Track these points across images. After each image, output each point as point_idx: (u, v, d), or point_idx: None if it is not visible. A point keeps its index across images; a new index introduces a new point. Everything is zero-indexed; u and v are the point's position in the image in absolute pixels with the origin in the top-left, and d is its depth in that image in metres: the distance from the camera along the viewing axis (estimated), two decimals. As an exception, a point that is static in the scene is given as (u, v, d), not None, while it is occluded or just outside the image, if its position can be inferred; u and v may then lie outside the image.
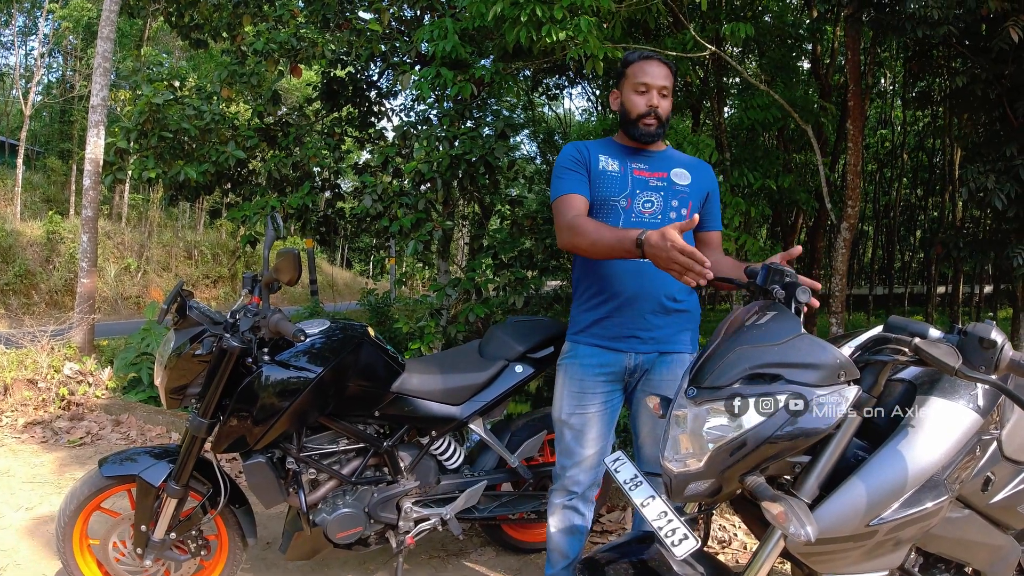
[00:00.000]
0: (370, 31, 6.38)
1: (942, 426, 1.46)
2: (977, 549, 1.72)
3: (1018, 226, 5.64)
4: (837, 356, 1.40)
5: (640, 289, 2.31)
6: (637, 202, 2.34)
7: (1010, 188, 5.30)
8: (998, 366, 1.30)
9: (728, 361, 1.44)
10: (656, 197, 2.34)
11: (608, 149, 2.43)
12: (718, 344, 1.53)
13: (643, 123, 2.33)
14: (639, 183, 2.35)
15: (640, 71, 2.33)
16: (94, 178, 7.64)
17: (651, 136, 2.36)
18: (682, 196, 2.36)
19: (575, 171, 2.37)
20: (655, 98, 2.31)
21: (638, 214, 2.33)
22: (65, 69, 27.44)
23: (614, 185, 2.34)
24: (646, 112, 2.32)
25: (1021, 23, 4.94)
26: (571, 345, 2.48)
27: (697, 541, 1.44)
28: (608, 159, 2.38)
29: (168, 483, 2.46)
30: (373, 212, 5.64)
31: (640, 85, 2.32)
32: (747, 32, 5.55)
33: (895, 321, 1.51)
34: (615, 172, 2.36)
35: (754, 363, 1.41)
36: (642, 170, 2.37)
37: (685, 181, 2.38)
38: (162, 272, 20.24)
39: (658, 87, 2.31)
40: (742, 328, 1.53)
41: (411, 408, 2.66)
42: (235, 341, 2.31)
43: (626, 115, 2.37)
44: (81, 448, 4.92)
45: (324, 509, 2.54)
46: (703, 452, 1.38)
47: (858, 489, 1.39)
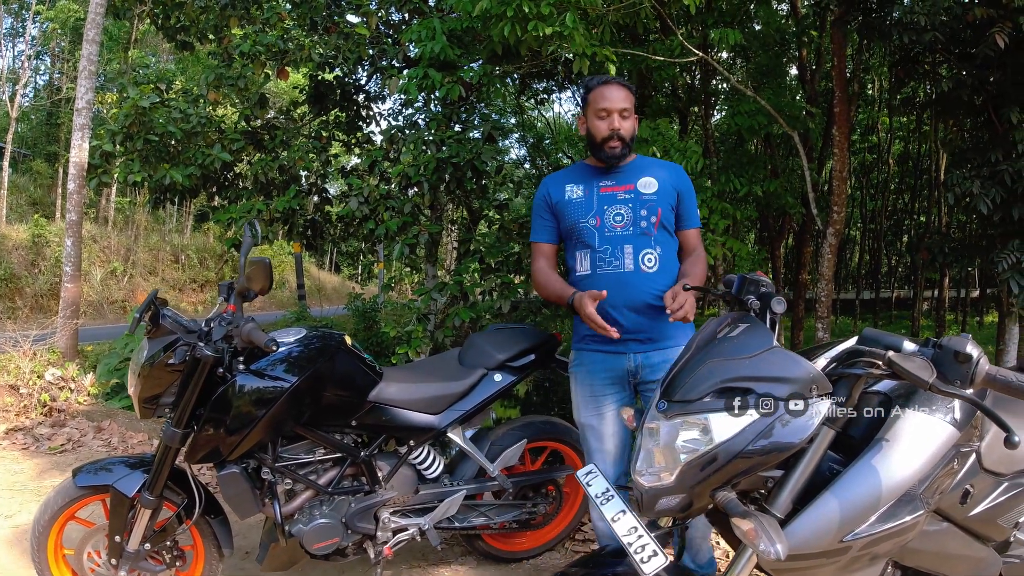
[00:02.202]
0: (357, 35, 6.35)
1: (918, 440, 1.43)
2: (957, 562, 1.70)
3: (1003, 231, 5.67)
4: (809, 370, 1.38)
5: (626, 296, 2.43)
6: (607, 217, 2.49)
7: (995, 193, 5.34)
8: (973, 380, 1.28)
9: (699, 374, 1.43)
10: (625, 210, 2.48)
11: (576, 175, 2.62)
12: (690, 357, 1.52)
13: (607, 147, 2.48)
14: (605, 199, 2.51)
15: (600, 96, 2.47)
16: (79, 181, 7.56)
17: (616, 158, 2.50)
18: (650, 205, 2.48)
19: (540, 216, 2.65)
20: (616, 121, 2.45)
21: (610, 228, 2.48)
22: (52, 71, 27.29)
23: (580, 209, 2.53)
24: (608, 135, 2.46)
25: (1007, 30, 4.98)
26: (576, 353, 2.64)
27: (666, 558, 1.42)
28: (573, 187, 2.57)
29: (142, 493, 2.41)
30: (359, 215, 5.61)
31: (601, 111, 2.46)
32: (735, 38, 5.57)
33: (869, 334, 1.49)
34: (579, 198, 2.54)
35: (725, 377, 1.40)
36: (608, 186, 2.52)
37: (651, 189, 2.50)
38: (148, 276, 20.09)
39: (618, 110, 2.46)
40: (714, 340, 1.53)
41: (389, 417, 2.62)
42: (208, 350, 2.27)
43: (592, 139, 2.52)
44: (62, 455, 4.85)
45: (301, 519, 2.49)
46: (674, 467, 1.36)
47: (831, 504, 1.37)
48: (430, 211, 6.42)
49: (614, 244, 2.46)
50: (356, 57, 6.50)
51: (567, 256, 2.66)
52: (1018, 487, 1.75)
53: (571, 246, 2.59)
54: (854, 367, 1.41)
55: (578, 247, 2.54)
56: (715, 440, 1.33)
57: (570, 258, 2.61)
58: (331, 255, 30.58)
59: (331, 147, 7.39)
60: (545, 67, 7.04)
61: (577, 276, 2.54)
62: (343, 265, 31.37)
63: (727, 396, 1.37)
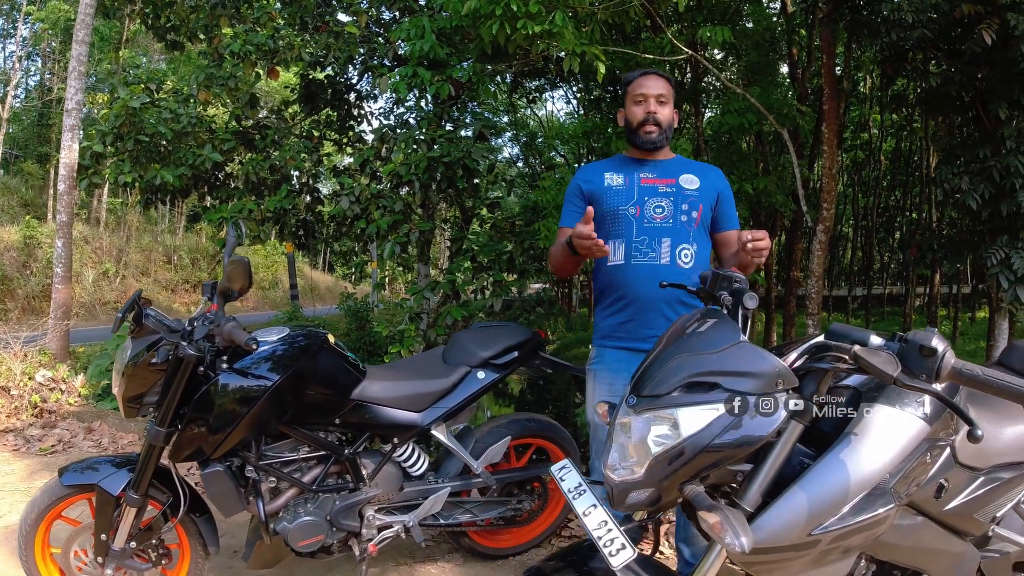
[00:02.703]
0: (348, 33, 6.35)
1: (887, 434, 1.43)
2: (933, 556, 1.70)
3: (991, 227, 5.70)
4: (775, 364, 1.39)
5: (654, 292, 2.38)
6: (647, 208, 2.43)
7: (984, 189, 5.36)
8: (939, 374, 1.27)
9: (667, 369, 1.43)
10: (666, 202, 2.43)
11: (615, 165, 2.57)
12: (659, 352, 1.53)
13: (643, 131, 2.45)
14: (647, 191, 2.45)
15: (637, 85, 2.47)
16: (69, 183, 7.53)
17: (652, 143, 2.46)
18: (691, 200, 2.44)
19: (572, 203, 2.58)
20: (652, 105, 2.44)
21: (649, 220, 2.43)
22: (43, 72, 27.16)
23: (620, 196, 2.46)
24: (644, 119, 2.44)
25: (994, 26, 5.00)
26: (598, 350, 2.57)
27: (635, 551, 1.43)
28: (613, 175, 2.52)
29: (127, 492, 2.41)
30: (350, 214, 5.61)
31: (638, 96, 2.46)
32: (724, 36, 5.58)
33: (837, 328, 1.50)
34: (620, 186, 2.48)
35: (692, 372, 1.40)
36: (650, 178, 2.47)
37: (694, 185, 2.45)
38: (141, 277, 20.02)
39: (655, 95, 2.43)
40: (683, 336, 1.53)
41: (372, 415, 2.63)
42: (191, 349, 2.26)
43: (629, 126, 2.51)
44: (52, 456, 4.83)
45: (285, 517, 2.50)
46: (643, 461, 1.37)
47: (799, 498, 1.37)
48: (422, 210, 6.43)
49: (652, 235, 2.41)
50: (347, 56, 6.50)
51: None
52: (995, 481, 1.75)
53: (602, 234, 2.45)
54: (821, 361, 1.41)
55: (612, 235, 2.46)
56: (683, 434, 1.34)
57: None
58: (325, 255, 30.55)
59: (323, 147, 7.39)
60: (536, 65, 7.04)
61: (609, 266, 2.47)
62: (337, 265, 31.33)
63: (695, 391, 1.38)
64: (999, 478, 1.77)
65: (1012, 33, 4.96)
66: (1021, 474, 1.85)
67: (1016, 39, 4.97)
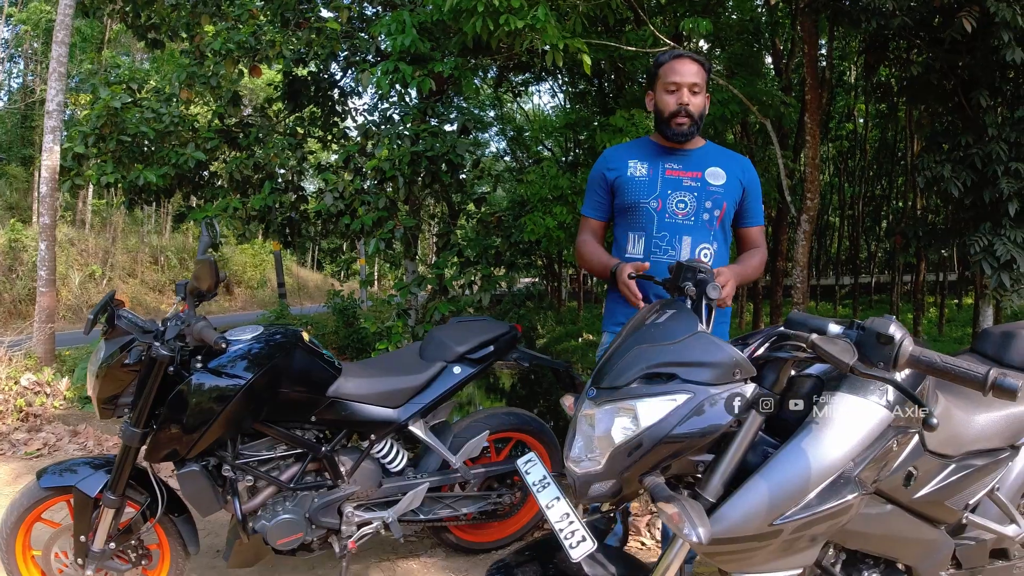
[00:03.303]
0: (330, 30, 6.32)
1: (848, 422, 1.42)
2: (904, 544, 1.69)
3: (974, 214, 5.73)
4: (732, 354, 1.38)
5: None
6: (670, 203, 2.36)
7: (966, 176, 5.39)
8: (897, 362, 1.27)
9: (626, 361, 1.43)
10: (689, 198, 2.35)
11: (641, 151, 2.47)
12: (620, 343, 1.52)
13: (675, 122, 2.34)
14: (670, 183, 2.37)
15: (670, 70, 2.33)
16: (51, 185, 7.47)
17: (684, 135, 2.36)
18: (715, 197, 2.36)
19: (594, 191, 2.52)
20: (685, 96, 2.31)
21: (671, 215, 2.35)
22: (26, 74, 26.89)
23: (642, 189, 2.38)
24: (676, 110, 2.32)
25: (974, 14, 5.01)
26: (609, 336, 2.53)
27: (594, 543, 1.44)
28: (638, 163, 2.42)
29: (105, 493, 2.40)
30: (334, 210, 5.59)
31: (670, 84, 2.32)
32: (706, 27, 5.58)
33: (795, 317, 1.50)
34: (643, 176, 2.39)
35: (651, 362, 1.40)
36: (675, 170, 2.38)
37: (720, 181, 2.37)
38: (127, 278, 19.88)
39: (688, 84, 2.31)
40: (642, 327, 1.53)
41: (348, 412, 2.63)
42: (164, 350, 2.27)
43: (659, 115, 2.38)
44: (38, 460, 4.80)
45: (264, 516, 2.50)
46: (603, 453, 1.37)
47: (760, 488, 1.35)
48: (407, 206, 6.41)
49: (673, 232, 2.35)
50: (329, 52, 6.46)
51: (616, 232, 2.52)
52: (966, 469, 1.74)
53: (623, 225, 2.46)
54: (781, 351, 1.41)
55: (632, 227, 2.42)
56: (641, 425, 1.33)
57: (621, 236, 2.48)
58: (313, 253, 30.46)
59: (307, 144, 7.35)
60: (521, 59, 7.03)
61: (627, 257, 2.41)
62: (325, 263, 31.27)
63: (653, 382, 1.38)
64: (971, 465, 1.77)
65: (992, 20, 4.98)
66: (994, 461, 1.85)
67: (996, 26, 4.99)
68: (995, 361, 2.21)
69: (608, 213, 2.51)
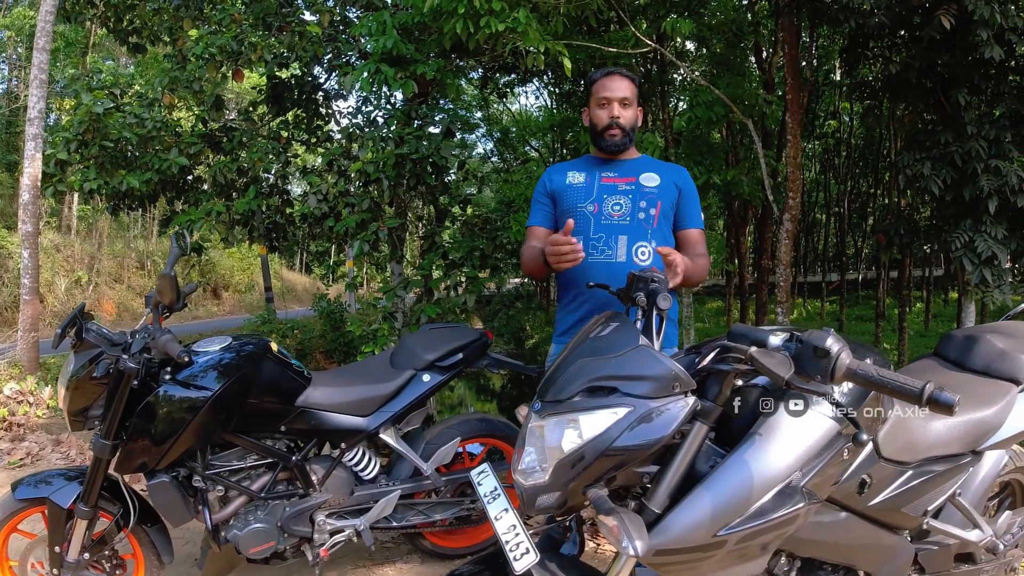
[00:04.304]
0: (311, 33, 6.30)
1: (792, 433, 1.43)
2: (861, 551, 1.70)
3: (955, 211, 5.77)
4: (670, 368, 1.39)
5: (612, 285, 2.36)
6: (606, 206, 2.46)
7: (946, 174, 5.43)
8: (834, 375, 1.28)
9: (570, 374, 1.45)
10: (624, 200, 2.45)
11: (579, 165, 2.61)
12: (565, 356, 1.54)
13: (607, 134, 2.47)
14: (606, 188, 2.49)
15: (602, 87, 2.47)
16: (33, 192, 7.40)
17: (616, 146, 2.49)
18: (650, 197, 2.45)
19: (538, 201, 2.62)
20: (616, 109, 2.45)
21: (607, 216, 2.45)
22: (10, 79, 26.69)
23: (579, 195, 2.50)
24: (608, 124, 2.46)
25: (952, 12, 5.05)
26: (556, 347, 2.59)
27: (537, 555, 1.45)
28: (576, 173, 2.56)
29: (77, 504, 2.43)
30: (318, 213, 5.58)
31: (602, 99, 2.47)
32: (687, 28, 5.60)
33: (738, 329, 1.51)
34: (581, 183, 2.52)
35: (592, 376, 1.42)
36: (611, 177, 2.51)
37: (653, 183, 2.47)
38: (114, 284, 19.74)
39: (618, 98, 2.45)
40: (586, 340, 1.55)
41: (318, 421, 2.65)
42: (131, 362, 2.29)
43: (593, 128, 2.52)
44: (21, 469, 4.77)
45: (236, 525, 2.51)
46: (548, 465, 1.39)
47: (703, 499, 1.36)
48: (392, 208, 6.40)
49: (609, 233, 2.43)
50: (311, 55, 6.45)
51: None
52: (924, 475, 1.75)
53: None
54: (724, 363, 1.42)
55: (572, 233, 2.43)
56: (584, 438, 1.35)
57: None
58: (301, 256, 30.36)
59: (291, 147, 7.34)
60: (505, 61, 7.03)
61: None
62: (313, 266, 31.16)
63: (595, 395, 1.39)
64: (930, 471, 1.78)
65: (971, 18, 5.01)
66: (954, 467, 1.86)
67: (975, 24, 5.02)
68: (957, 365, 2.23)
69: (552, 222, 2.61)
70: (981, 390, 2.03)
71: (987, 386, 2.06)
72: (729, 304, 15.81)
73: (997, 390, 2.04)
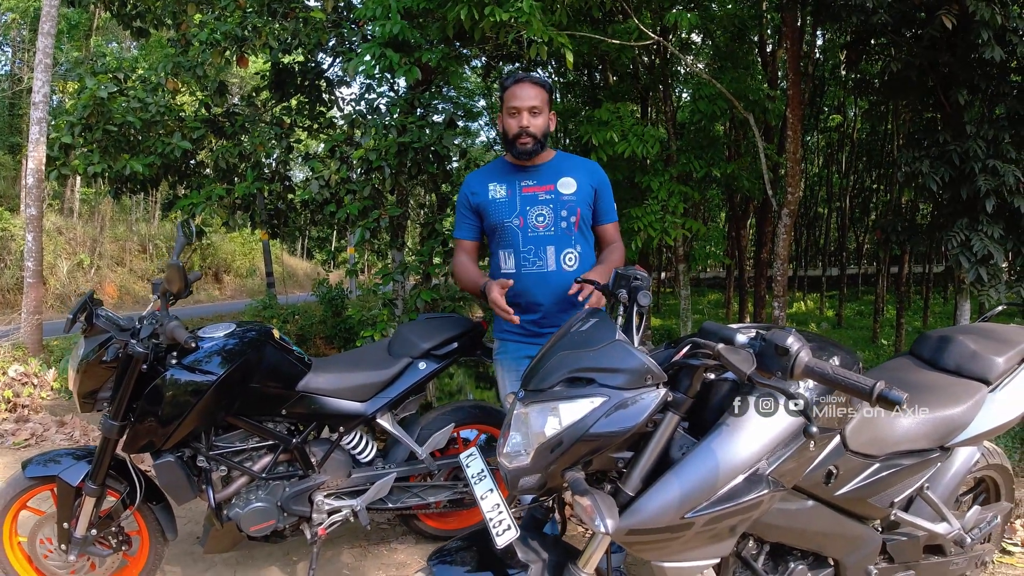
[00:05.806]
0: (315, 19, 6.31)
1: (758, 424, 1.53)
2: (827, 538, 1.80)
3: (952, 209, 5.80)
4: (643, 361, 1.50)
5: (548, 293, 2.58)
6: (530, 218, 2.59)
7: (944, 172, 5.45)
8: (793, 372, 1.37)
9: (551, 365, 1.57)
10: (547, 211, 2.59)
11: (498, 173, 2.70)
12: (548, 349, 1.67)
13: (519, 143, 2.56)
14: (528, 200, 2.60)
15: (512, 95, 2.56)
16: (37, 175, 7.46)
17: (528, 154, 2.58)
18: (569, 205, 2.59)
19: (463, 214, 2.74)
20: (525, 119, 2.54)
21: (533, 229, 2.58)
22: (13, 62, 26.62)
23: (504, 210, 2.61)
24: (518, 132, 2.55)
25: (953, 11, 5.06)
26: (500, 343, 2.75)
27: (518, 531, 1.60)
28: (497, 186, 2.65)
29: (86, 482, 2.54)
30: (319, 199, 5.62)
31: (512, 108, 2.56)
32: (691, 21, 5.61)
33: (708, 327, 1.61)
34: (503, 198, 2.62)
35: (572, 367, 1.54)
36: (530, 186, 2.62)
37: (571, 190, 2.60)
38: (116, 267, 19.79)
39: (527, 107, 2.55)
40: (568, 334, 1.68)
41: (318, 406, 2.76)
42: (139, 347, 2.40)
43: (505, 136, 2.64)
44: (26, 450, 4.84)
45: (237, 504, 2.64)
46: (530, 449, 1.50)
47: (672, 484, 1.47)
48: (394, 195, 6.43)
49: (537, 244, 2.57)
50: (315, 42, 6.46)
51: (491, 250, 2.74)
52: (891, 468, 1.84)
53: (494, 243, 2.69)
54: (694, 358, 1.53)
55: (502, 246, 2.64)
56: (563, 425, 1.46)
57: (495, 254, 2.70)
58: (303, 241, 30.39)
59: (293, 133, 7.36)
60: (509, 50, 7.03)
61: (502, 274, 2.63)
62: (314, 251, 31.17)
63: (574, 385, 1.51)
64: (897, 465, 1.86)
65: (972, 19, 5.02)
66: (921, 461, 1.94)
67: (976, 24, 5.03)
68: (931, 364, 2.30)
69: (479, 233, 2.75)
70: (951, 389, 2.11)
71: (957, 385, 2.15)
72: (728, 297, 15.86)
73: (966, 389, 2.12)
